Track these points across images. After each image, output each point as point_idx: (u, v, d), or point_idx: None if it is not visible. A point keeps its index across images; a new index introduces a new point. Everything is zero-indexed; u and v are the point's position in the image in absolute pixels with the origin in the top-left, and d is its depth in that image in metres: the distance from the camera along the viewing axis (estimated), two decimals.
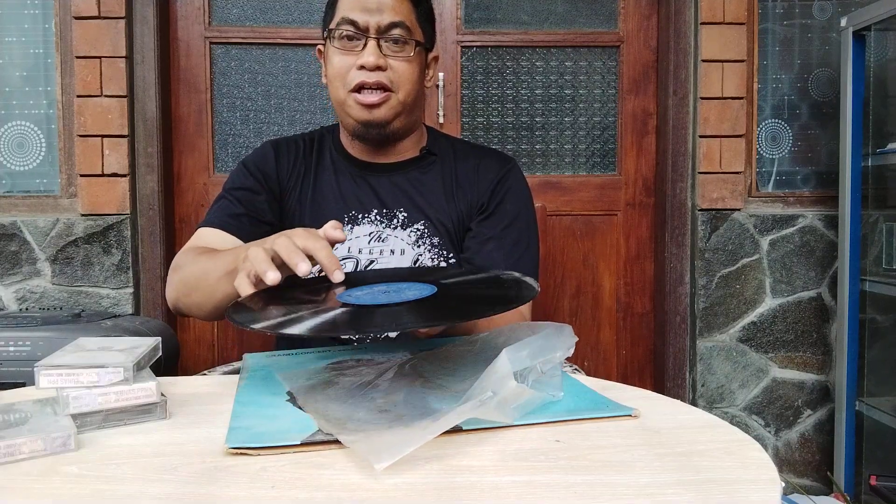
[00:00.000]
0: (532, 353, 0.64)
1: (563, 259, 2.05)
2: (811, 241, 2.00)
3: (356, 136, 1.10)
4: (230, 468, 0.54)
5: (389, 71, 1.03)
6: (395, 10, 1.03)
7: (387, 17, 1.03)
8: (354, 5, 1.03)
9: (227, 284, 0.85)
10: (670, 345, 2.01)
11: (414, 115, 1.11)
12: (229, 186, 1.12)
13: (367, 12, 1.02)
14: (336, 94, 1.07)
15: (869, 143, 1.84)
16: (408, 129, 1.12)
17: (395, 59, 1.04)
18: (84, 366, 0.62)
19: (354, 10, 1.03)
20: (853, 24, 1.79)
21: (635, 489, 0.49)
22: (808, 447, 2.03)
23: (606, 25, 2.05)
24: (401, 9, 1.04)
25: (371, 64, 1.01)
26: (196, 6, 1.97)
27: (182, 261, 1.01)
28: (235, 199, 1.09)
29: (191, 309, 0.98)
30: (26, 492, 0.50)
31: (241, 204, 1.08)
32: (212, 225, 1.07)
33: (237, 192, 1.10)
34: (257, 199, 1.09)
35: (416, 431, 0.54)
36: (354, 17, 1.03)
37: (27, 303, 1.87)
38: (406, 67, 1.04)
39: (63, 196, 1.89)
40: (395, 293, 0.71)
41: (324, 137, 1.18)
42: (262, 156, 1.13)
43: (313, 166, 1.14)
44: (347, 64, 1.03)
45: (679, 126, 1.97)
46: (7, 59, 1.89)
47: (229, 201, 1.09)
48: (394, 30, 1.03)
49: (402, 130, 1.10)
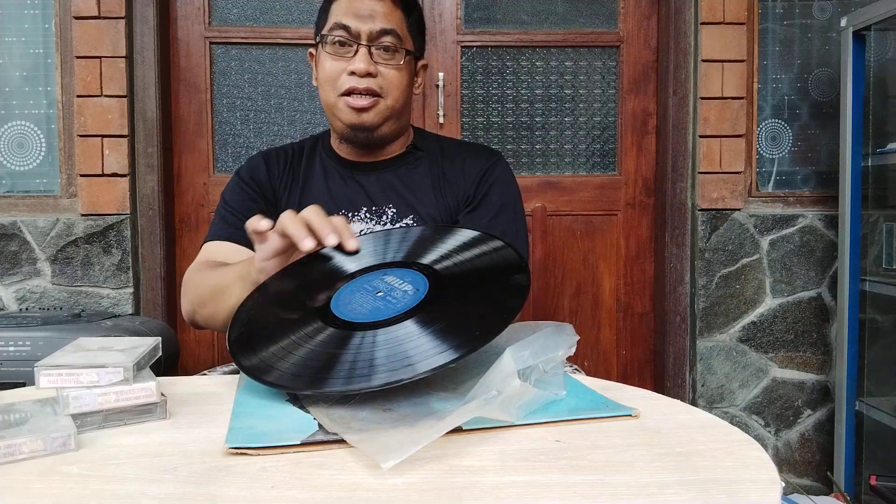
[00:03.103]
0: (534, 353, 0.64)
1: (563, 259, 2.05)
2: (811, 241, 2.00)
3: (345, 140, 1.13)
4: (230, 468, 0.54)
5: (379, 77, 1.06)
6: (386, 18, 1.06)
7: (378, 24, 1.05)
8: (347, 11, 1.06)
9: (239, 290, 0.87)
10: (670, 345, 2.01)
11: (402, 120, 1.14)
12: (227, 200, 1.15)
13: (360, 19, 1.05)
14: (326, 98, 1.09)
15: (869, 143, 1.84)
16: (395, 133, 1.14)
17: (385, 67, 1.07)
18: (84, 366, 0.62)
19: (347, 16, 1.05)
20: (853, 24, 1.79)
21: (635, 489, 0.49)
22: (808, 447, 2.03)
23: (606, 25, 2.05)
24: (392, 17, 1.07)
25: (362, 70, 1.04)
26: (196, 6, 1.97)
27: (193, 276, 1.04)
28: (234, 210, 1.12)
29: (207, 320, 1.01)
30: (26, 492, 0.50)
31: (240, 214, 1.10)
32: (217, 238, 1.10)
33: (235, 203, 1.13)
34: (255, 207, 1.12)
35: (421, 430, 0.54)
36: (347, 23, 1.05)
37: (27, 303, 1.87)
38: (395, 75, 1.07)
39: (63, 196, 1.89)
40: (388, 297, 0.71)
41: (315, 143, 1.20)
42: (254, 166, 1.17)
43: (302, 171, 1.17)
44: (338, 69, 1.06)
45: (679, 126, 1.97)
46: (7, 59, 1.89)
47: (229, 212, 1.12)
48: (385, 37, 1.06)
49: (390, 135, 1.13)
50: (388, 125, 1.10)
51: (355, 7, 1.06)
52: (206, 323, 1.02)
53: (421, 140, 1.20)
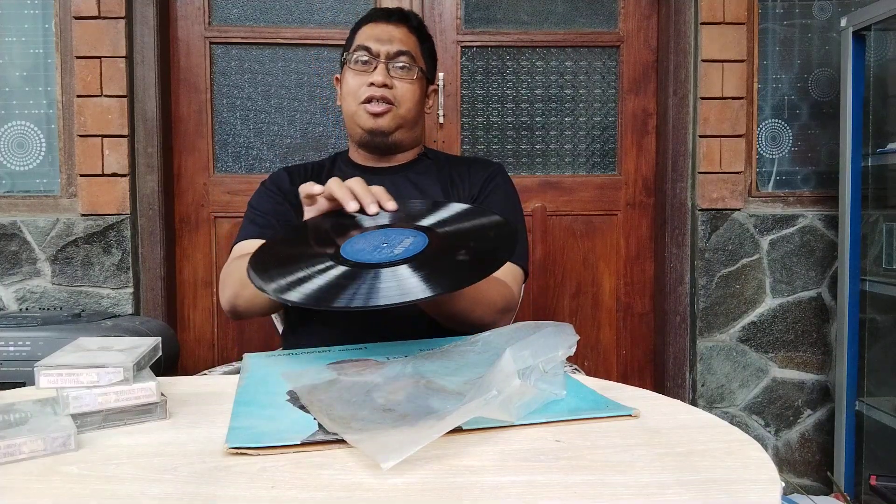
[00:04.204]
0: (534, 352, 0.64)
1: (563, 259, 2.05)
2: (811, 241, 2.00)
3: (362, 146, 1.27)
4: (230, 468, 0.54)
5: (394, 89, 1.22)
6: (403, 42, 1.24)
7: (395, 46, 1.23)
8: (370, 36, 1.24)
9: None
10: (670, 345, 2.01)
11: (414, 131, 1.28)
12: (254, 205, 1.25)
13: (380, 42, 1.23)
14: (348, 108, 1.24)
15: (869, 143, 1.84)
16: (408, 142, 1.28)
17: (400, 81, 1.23)
18: (84, 366, 0.62)
19: (369, 40, 1.23)
20: (853, 24, 1.79)
21: (635, 489, 0.50)
22: (808, 447, 2.03)
23: (606, 25, 2.05)
24: (408, 41, 1.25)
25: (379, 81, 1.20)
26: (196, 6, 1.97)
27: (228, 268, 1.13)
28: (262, 212, 1.22)
29: (249, 302, 1.09)
30: (26, 492, 0.50)
31: (268, 216, 1.21)
32: (247, 237, 1.19)
33: (262, 207, 1.23)
34: (281, 207, 1.22)
35: (421, 430, 0.54)
36: (369, 45, 1.23)
37: (27, 303, 1.87)
38: (408, 87, 1.23)
39: (63, 196, 1.89)
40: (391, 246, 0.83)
41: (335, 158, 1.34)
42: (278, 177, 1.29)
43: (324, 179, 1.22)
44: (360, 82, 1.22)
45: (679, 126, 1.97)
46: (7, 59, 1.89)
47: (257, 215, 1.22)
48: (400, 57, 1.23)
49: (403, 142, 1.27)
50: (401, 132, 1.25)
51: (376, 33, 1.24)
52: (249, 305, 1.09)
53: (431, 152, 1.35)
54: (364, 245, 0.85)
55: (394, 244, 0.84)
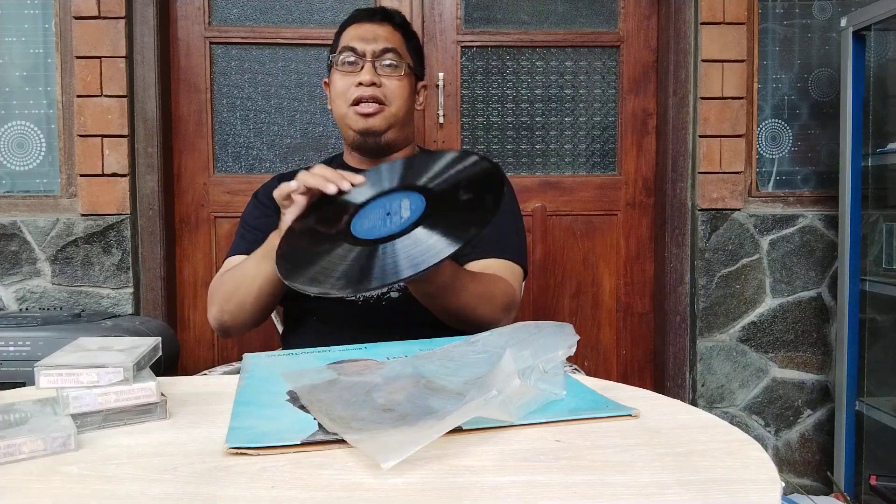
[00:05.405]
0: (534, 352, 0.64)
1: (563, 259, 2.05)
2: (811, 241, 2.00)
3: (356, 148, 1.26)
4: (230, 468, 0.54)
5: (383, 87, 1.20)
6: (387, 39, 1.23)
7: (381, 44, 1.21)
8: (354, 36, 1.22)
9: (265, 267, 1.01)
10: (670, 345, 2.01)
11: (405, 130, 1.27)
12: (246, 219, 1.26)
13: (365, 41, 1.21)
14: (338, 110, 1.23)
15: (869, 143, 1.84)
16: (400, 141, 1.27)
17: (388, 78, 1.21)
18: (84, 366, 0.62)
19: (354, 40, 1.22)
20: (853, 24, 1.79)
21: (635, 489, 0.50)
22: (808, 447, 2.03)
23: (606, 25, 2.05)
24: (393, 39, 1.23)
25: (367, 81, 1.19)
26: (196, 6, 1.97)
27: (216, 282, 1.15)
28: (252, 227, 1.23)
29: (234, 314, 1.10)
30: (26, 492, 0.50)
31: (257, 230, 1.20)
32: (237, 253, 1.20)
33: (252, 221, 1.24)
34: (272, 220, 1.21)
35: (421, 430, 0.54)
36: (354, 45, 1.21)
37: (27, 303, 1.87)
38: (397, 84, 1.22)
39: (63, 196, 1.89)
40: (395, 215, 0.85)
41: (330, 162, 1.33)
42: (270, 186, 1.26)
43: None
44: (348, 83, 1.21)
45: (679, 126, 1.97)
46: (7, 59, 1.89)
47: (247, 230, 1.23)
48: (386, 54, 1.21)
49: (395, 142, 1.25)
50: (393, 131, 1.23)
51: (361, 33, 1.22)
52: (234, 317, 1.10)
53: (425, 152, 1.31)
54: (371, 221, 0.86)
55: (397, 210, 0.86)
